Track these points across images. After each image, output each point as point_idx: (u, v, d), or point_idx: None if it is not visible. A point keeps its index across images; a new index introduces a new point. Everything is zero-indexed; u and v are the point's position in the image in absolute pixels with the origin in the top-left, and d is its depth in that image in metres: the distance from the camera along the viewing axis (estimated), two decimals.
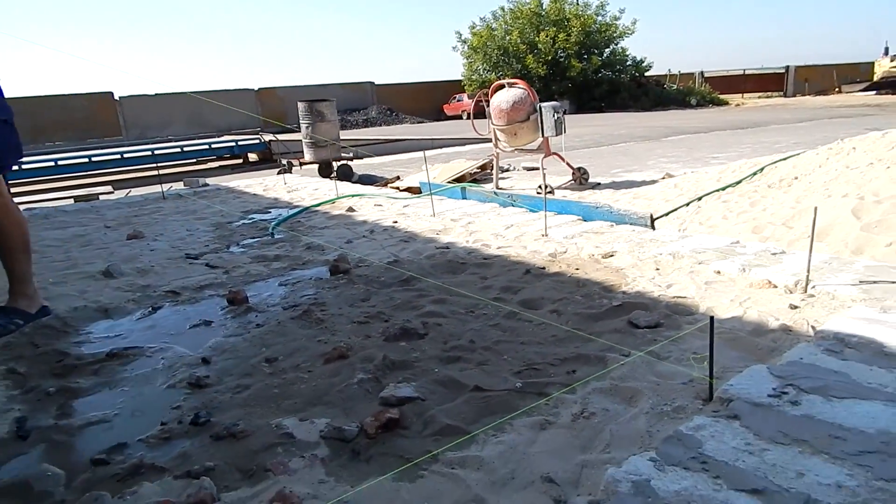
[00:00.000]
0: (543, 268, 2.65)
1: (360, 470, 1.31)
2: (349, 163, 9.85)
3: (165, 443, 1.46)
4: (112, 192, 8.07)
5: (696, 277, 2.33)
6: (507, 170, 9.73)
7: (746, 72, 37.72)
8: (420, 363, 1.79)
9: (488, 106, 7.54)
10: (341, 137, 11.35)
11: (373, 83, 34.37)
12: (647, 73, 33.13)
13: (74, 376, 1.90)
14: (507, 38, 31.05)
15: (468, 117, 32.13)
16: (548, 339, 1.91)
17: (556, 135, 7.13)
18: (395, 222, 3.75)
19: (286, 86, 31.28)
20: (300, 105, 9.36)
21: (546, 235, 3.12)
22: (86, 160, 10.67)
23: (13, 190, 9.74)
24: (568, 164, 7.41)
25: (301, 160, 9.49)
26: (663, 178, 7.34)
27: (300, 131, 9.55)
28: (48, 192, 9.80)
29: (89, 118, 25.42)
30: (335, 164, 9.88)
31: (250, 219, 4.32)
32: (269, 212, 4.59)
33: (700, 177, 5.81)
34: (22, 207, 6.89)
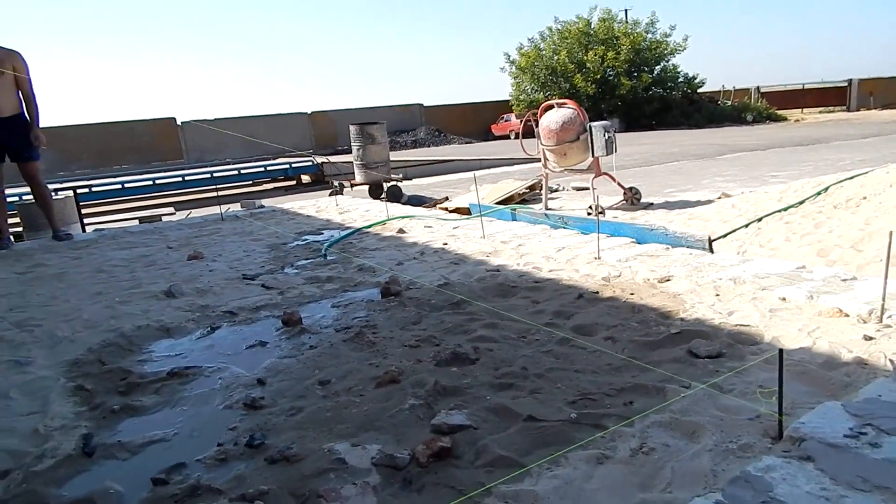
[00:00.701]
0: (597, 292, 2.59)
1: (411, 500, 1.30)
2: (398, 184, 9.99)
3: (222, 464, 1.49)
4: (174, 214, 8.45)
5: (760, 304, 2.23)
6: (557, 190, 9.65)
7: (806, 86, 36.43)
8: (471, 390, 1.77)
9: (537, 126, 7.53)
10: (391, 158, 11.55)
11: (421, 105, 34.91)
12: (699, 90, 32.42)
13: (137, 394, 1.97)
14: (555, 57, 31.05)
15: (516, 137, 32.08)
16: (603, 367, 1.86)
17: (607, 154, 7.04)
18: (445, 244, 3.76)
19: (337, 109, 32.14)
20: (352, 128, 9.58)
21: (599, 258, 3.06)
22: (150, 183, 11.22)
23: (85, 210, 10.26)
24: (619, 183, 7.30)
25: (352, 181, 9.69)
26: (719, 197, 7.13)
27: (351, 153, 9.76)
28: (116, 213, 10.33)
29: (153, 143, 26.75)
30: (385, 185, 10.04)
31: (304, 240, 4.42)
32: (322, 233, 4.68)
33: (759, 196, 5.60)
34: (91, 228, 7.27)
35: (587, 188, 8.13)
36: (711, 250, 3.00)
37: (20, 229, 6.50)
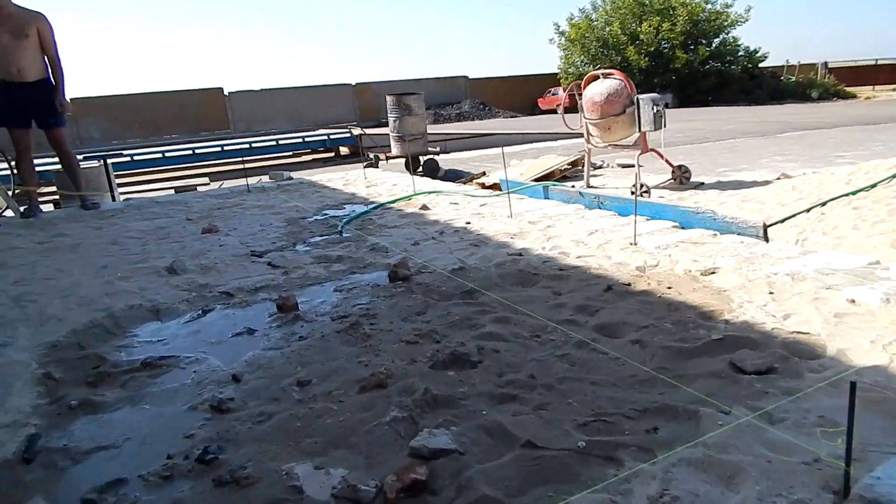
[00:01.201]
0: (629, 284, 2.27)
1: None
2: (435, 157, 9.70)
3: (165, 483, 1.28)
4: (209, 184, 8.42)
5: (823, 307, 1.87)
6: (600, 167, 9.18)
7: (879, 62, 33.94)
8: (466, 401, 1.51)
9: (580, 98, 7.08)
10: (430, 131, 11.24)
11: (466, 77, 34.26)
12: (761, 65, 30.59)
13: (103, 388, 1.79)
14: (608, 29, 29.79)
15: (566, 97, 31.04)
16: (625, 379, 1.57)
17: (655, 129, 6.55)
18: (468, 223, 3.48)
19: (382, 80, 31.85)
20: (388, 99, 9.31)
21: (635, 244, 2.73)
22: (189, 152, 11.27)
23: (128, 179, 10.40)
24: (667, 161, 6.81)
25: (387, 154, 9.46)
26: (778, 178, 6.55)
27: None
28: (156, 182, 10.44)
29: (201, 113, 27.16)
30: (422, 159, 9.76)
31: (323, 215, 4.22)
32: (344, 208, 4.47)
33: (824, 178, 5.07)
34: (124, 196, 7.29)
35: (633, 165, 7.66)
36: (766, 238, 2.63)
37: (57, 197, 6.56)
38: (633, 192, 6.39)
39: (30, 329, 2.32)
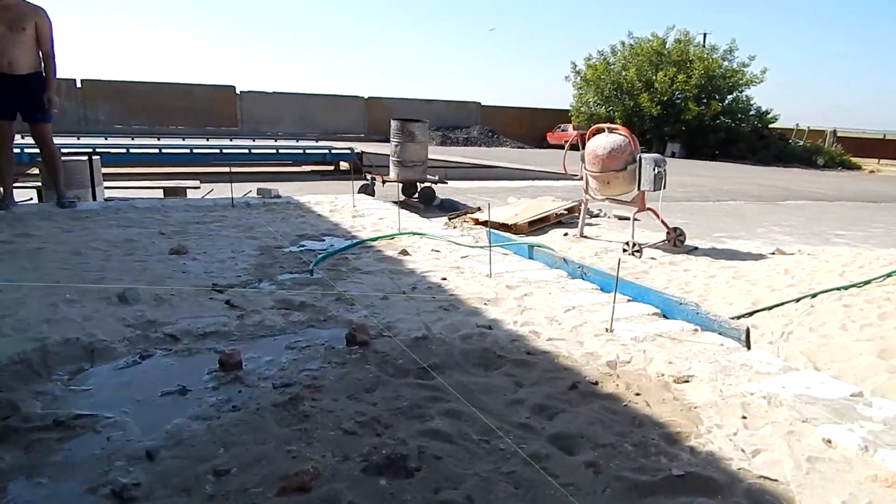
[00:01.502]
0: (596, 383, 2.13)
1: None
2: (433, 186, 9.60)
3: None
4: (199, 188, 8.27)
5: (797, 445, 1.73)
6: (597, 215, 9.10)
7: (886, 136, 34.33)
8: None
9: (583, 148, 7.01)
10: (434, 156, 11.17)
11: (478, 103, 34.47)
12: (770, 126, 30.89)
13: (5, 448, 1.62)
14: (624, 73, 30.09)
15: (571, 149, 31.08)
16: None
17: (654, 190, 6.48)
18: (444, 279, 3.33)
19: (394, 97, 32.01)
20: (393, 123, 9.24)
21: (611, 331, 2.59)
22: (187, 151, 11.15)
23: (119, 171, 10.26)
24: (663, 222, 6.72)
25: (384, 177, 9.35)
26: (773, 253, 6.47)
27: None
28: (149, 179, 10.29)
29: (211, 108, 27.16)
30: (419, 186, 9.67)
31: (300, 247, 4.07)
32: (324, 240, 4.32)
33: (818, 265, 4.97)
34: (111, 192, 7.15)
35: (628, 218, 7.56)
36: (748, 345, 2.49)
37: (39, 183, 6.39)
38: (625, 250, 6.30)
39: None
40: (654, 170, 6.36)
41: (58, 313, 2.59)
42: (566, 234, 7.47)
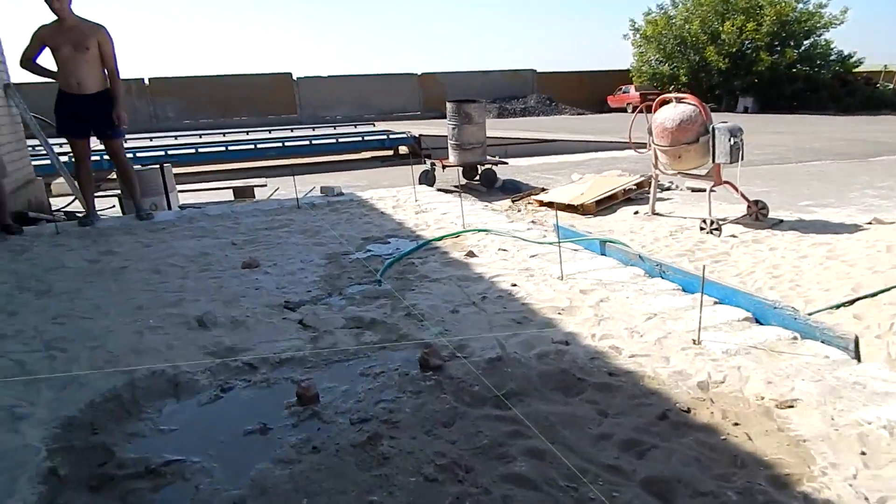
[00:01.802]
0: (688, 411, 1.98)
1: None
2: (494, 167, 9.41)
3: None
4: (265, 185, 8.46)
5: None
6: (668, 188, 8.68)
7: None
8: None
9: (649, 121, 6.64)
10: (492, 132, 10.94)
11: (534, 71, 33.56)
12: (854, 70, 28.45)
13: (103, 497, 1.68)
14: (687, 27, 28.38)
15: (633, 110, 29.80)
16: None
17: (731, 162, 6.06)
18: (515, 285, 3.23)
19: (447, 71, 31.64)
20: (448, 105, 9.08)
21: (698, 343, 2.42)
22: (251, 147, 11.43)
23: (192, 170, 10.63)
24: (742, 195, 6.30)
25: (444, 162, 9.24)
26: (870, 223, 5.94)
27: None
28: (216, 176, 10.63)
29: (271, 96, 27.76)
30: (480, 168, 9.52)
31: (366, 252, 4.06)
32: (389, 242, 4.30)
33: None
34: (184, 196, 7.40)
35: (704, 189, 7.15)
36: (858, 356, 2.26)
37: (119, 192, 6.67)
38: (702, 228, 5.95)
39: (52, 392, 2.27)
40: (729, 141, 5.94)
41: (143, 342, 2.68)
42: (636, 213, 7.15)
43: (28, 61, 4.74)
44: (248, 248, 4.26)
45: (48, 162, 7.43)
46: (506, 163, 9.65)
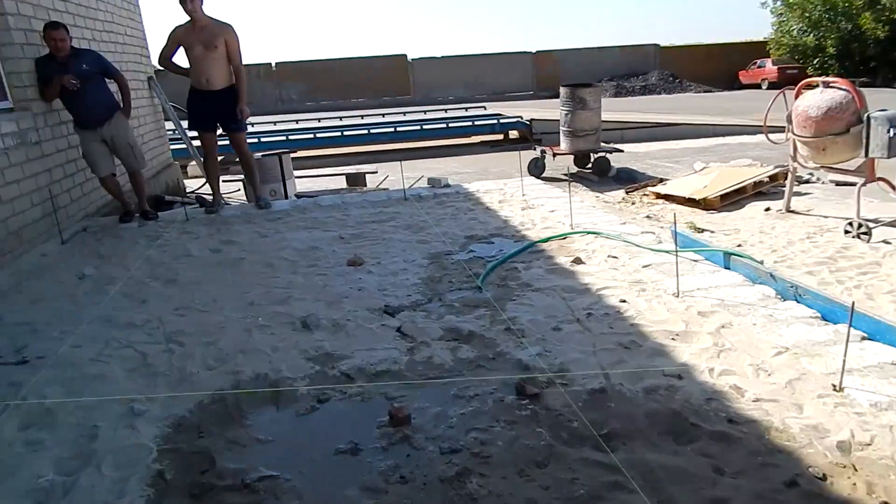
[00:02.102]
0: (824, 478, 1.71)
1: None
2: (608, 155, 8.95)
3: None
4: (376, 172, 8.64)
5: None
6: (808, 181, 7.79)
7: None
8: None
9: (788, 108, 5.92)
10: (608, 114, 10.40)
11: (656, 46, 31.53)
12: None
13: None
14: None
15: (769, 87, 27.17)
16: None
17: (890, 157, 5.28)
18: (624, 301, 3.00)
19: (562, 49, 30.58)
20: (562, 90, 8.71)
21: (840, 390, 2.09)
22: (365, 132, 11.73)
23: (309, 153, 11.07)
24: None
25: (555, 150, 8.92)
26: None
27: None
28: (332, 159, 11.05)
29: (386, 78, 28.40)
30: (593, 157, 9.09)
31: (469, 252, 3.98)
32: (493, 242, 4.19)
33: None
34: (299, 181, 7.71)
35: (852, 183, 6.32)
36: None
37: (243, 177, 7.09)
38: (847, 231, 5.26)
39: (167, 389, 2.42)
40: (888, 132, 5.15)
41: (251, 341, 2.79)
42: (768, 209, 6.46)
43: (165, 60, 5.11)
44: (355, 242, 4.34)
45: (184, 146, 8.10)
46: (620, 150, 9.13)
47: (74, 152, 4.97)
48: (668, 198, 7.10)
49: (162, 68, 5.39)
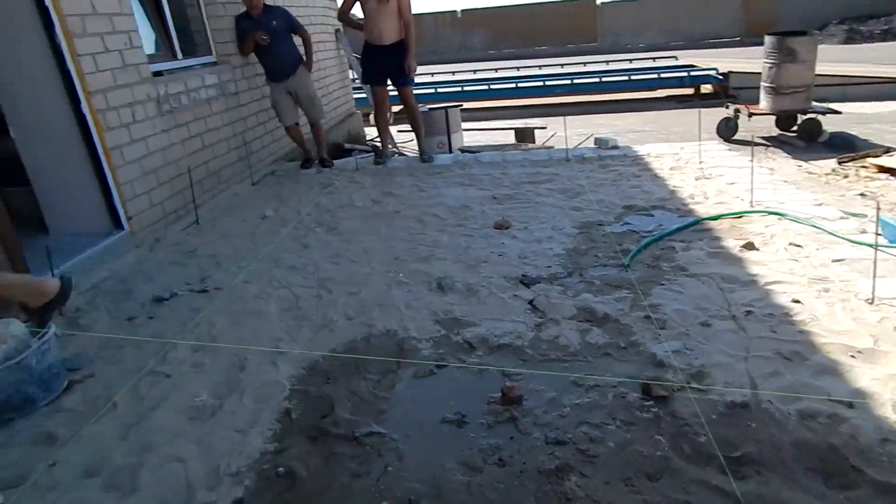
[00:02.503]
0: None
1: None
2: (819, 117, 7.64)
3: None
4: (545, 128, 8.38)
5: None
6: None
7: None
8: None
9: None
10: (824, 70, 8.84)
11: None
12: None
13: (315, 451, 1.90)
14: None
15: None
16: None
17: None
18: (798, 301, 2.56)
19: None
20: (766, 40, 7.55)
21: None
22: (540, 84, 11.38)
23: (483, 104, 11.10)
24: None
25: (752, 108, 7.84)
26: None
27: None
28: (507, 111, 10.94)
29: (572, 24, 27.08)
30: (800, 118, 7.84)
31: (624, 223, 3.70)
32: (653, 215, 3.84)
33: None
34: (471, 137, 7.78)
35: None
36: None
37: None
38: None
39: (309, 333, 2.64)
40: None
41: (388, 297, 2.92)
42: None
43: (344, 14, 5.38)
44: (507, 203, 4.27)
45: (365, 96, 8.57)
46: (838, 112, 7.74)
47: (266, 102, 5.50)
48: (891, 171, 5.90)
49: (341, 22, 5.66)
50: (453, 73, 14.58)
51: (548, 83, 11.31)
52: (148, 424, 2.07)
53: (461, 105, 7.10)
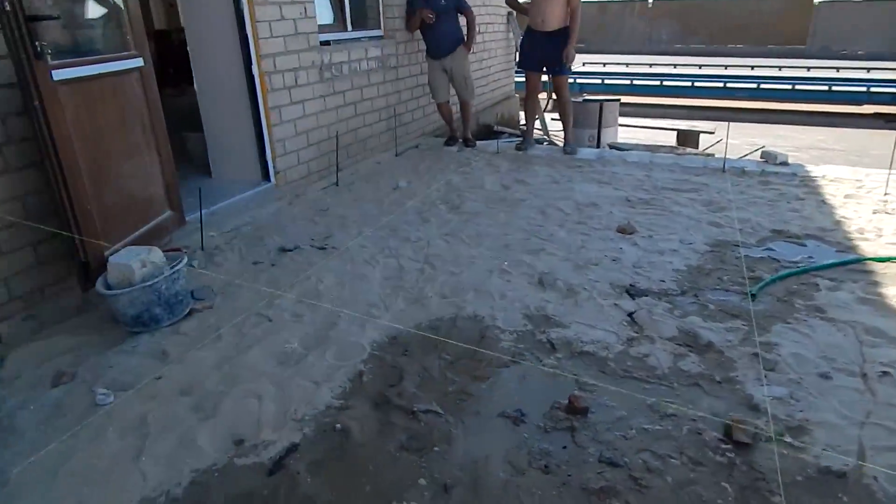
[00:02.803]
0: None
1: None
2: None
3: None
4: (712, 133, 7.70)
5: None
6: None
7: None
8: None
9: None
10: None
11: None
12: None
13: (373, 419, 1.99)
14: None
15: None
16: None
17: None
18: None
19: None
20: None
21: None
22: (720, 85, 10.43)
23: (652, 101, 10.52)
24: None
25: None
26: None
27: None
28: (679, 111, 10.20)
29: (777, 23, 24.33)
30: None
31: (766, 250, 3.31)
32: (805, 245, 3.38)
33: None
34: (627, 134, 7.41)
35: None
36: None
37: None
38: None
39: (402, 304, 2.74)
40: None
41: (486, 282, 2.92)
42: None
43: None
44: (640, 208, 4.03)
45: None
46: None
47: (422, 79, 5.70)
48: None
49: (509, 6, 5.65)
50: (626, 65, 13.90)
51: (728, 85, 10.33)
52: (241, 359, 2.30)
53: (619, 99, 6.76)
